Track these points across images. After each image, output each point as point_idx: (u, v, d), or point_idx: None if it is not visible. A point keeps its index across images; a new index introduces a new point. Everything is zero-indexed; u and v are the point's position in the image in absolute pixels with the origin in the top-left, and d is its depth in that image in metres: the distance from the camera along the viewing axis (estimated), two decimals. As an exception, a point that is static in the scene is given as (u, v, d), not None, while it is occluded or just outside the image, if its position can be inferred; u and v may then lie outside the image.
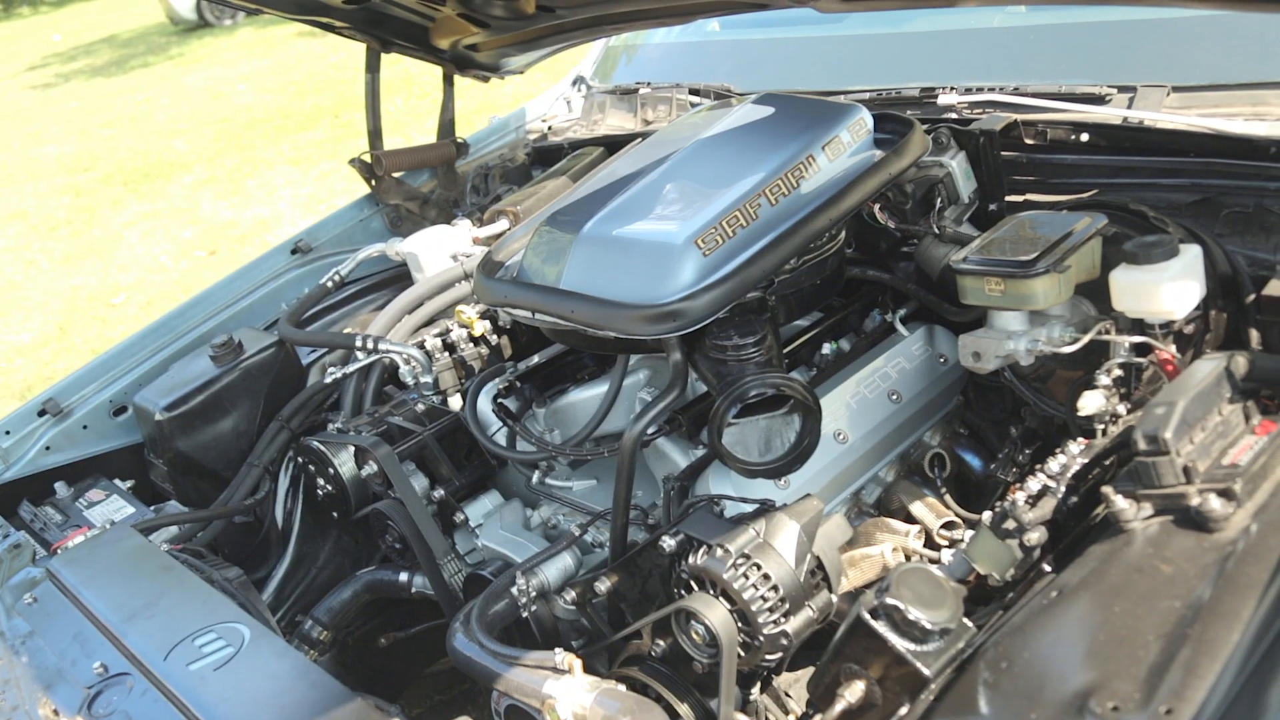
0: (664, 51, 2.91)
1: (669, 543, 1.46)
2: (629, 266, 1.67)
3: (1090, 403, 1.51)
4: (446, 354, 2.27)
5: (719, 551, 1.41)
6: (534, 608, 1.69)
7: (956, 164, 1.90)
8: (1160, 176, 1.82)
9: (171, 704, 1.38)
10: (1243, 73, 1.85)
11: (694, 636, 1.44)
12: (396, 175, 2.72)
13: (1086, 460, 1.46)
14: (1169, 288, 1.45)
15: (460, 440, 2.07)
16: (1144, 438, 1.27)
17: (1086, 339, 1.52)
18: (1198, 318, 1.56)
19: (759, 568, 1.39)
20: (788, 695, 1.71)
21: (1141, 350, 1.56)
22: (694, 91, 2.62)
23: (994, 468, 1.88)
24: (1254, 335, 1.63)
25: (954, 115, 2.08)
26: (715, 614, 1.40)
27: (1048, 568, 1.40)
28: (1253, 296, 1.63)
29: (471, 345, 2.30)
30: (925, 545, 1.68)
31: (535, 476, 1.97)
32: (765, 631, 1.39)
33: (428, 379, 2.19)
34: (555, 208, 1.96)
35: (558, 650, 1.42)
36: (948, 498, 1.81)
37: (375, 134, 2.65)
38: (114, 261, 6.80)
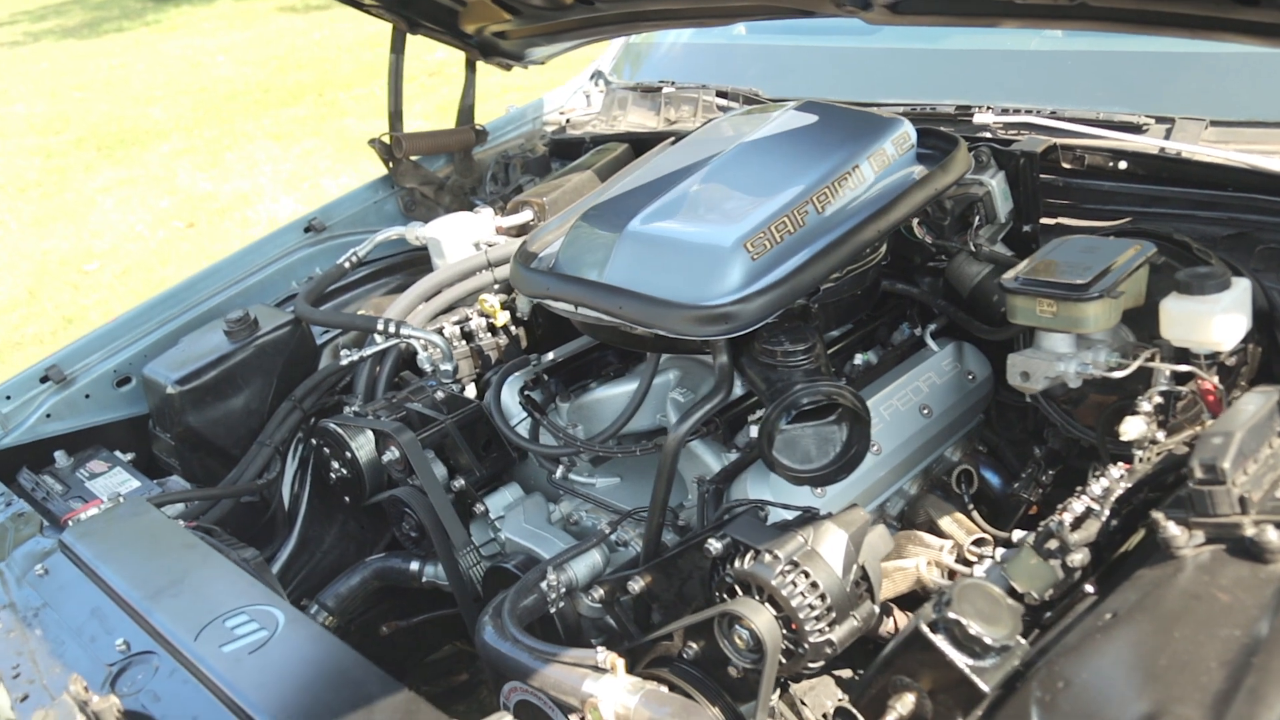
0: (687, 52, 2.90)
1: (715, 546, 1.45)
2: (675, 266, 1.66)
3: (1132, 428, 1.52)
4: (464, 343, 2.25)
5: (767, 557, 1.40)
6: (561, 604, 1.68)
7: (996, 183, 1.91)
8: (1196, 209, 1.84)
9: (204, 686, 1.34)
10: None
11: (737, 641, 1.43)
12: (414, 159, 2.69)
13: (1129, 485, 1.48)
14: (1220, 319, 1.47)
15: (479, 431, 2.05)
16: (1201, 466, 1.28)
17: (1135, 365, 1.53)
18: (1239, 350, 1.58)
19: (807, 575, 1.39)
20: (803, 703, 1.71)
21: (1181, 379, 1.58)
22: (721, 94, 2.61)
23: (1017, 487, 1.90)
24: (1289, 370, 1.65)
25: (988, 134, 2.09)
26: (761, 619, 1.39)
27: (1090, 589, 1.41)
28: (1288, 332, 1.65)
29: (489, 335, 2.29)
30: (956, 561, 1.68)
31: (559, 471, 1.95)
32: (811, 640, 1.39)
33: (447, 367, 2.17)
34: (593, 202, 1.95)
35: (599, 648, 1.40)
36: (975, 514, 1.82)
37: (396, 115, 2.62)
38: (87, 227, 6.66)
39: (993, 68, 2.28)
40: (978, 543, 1.71)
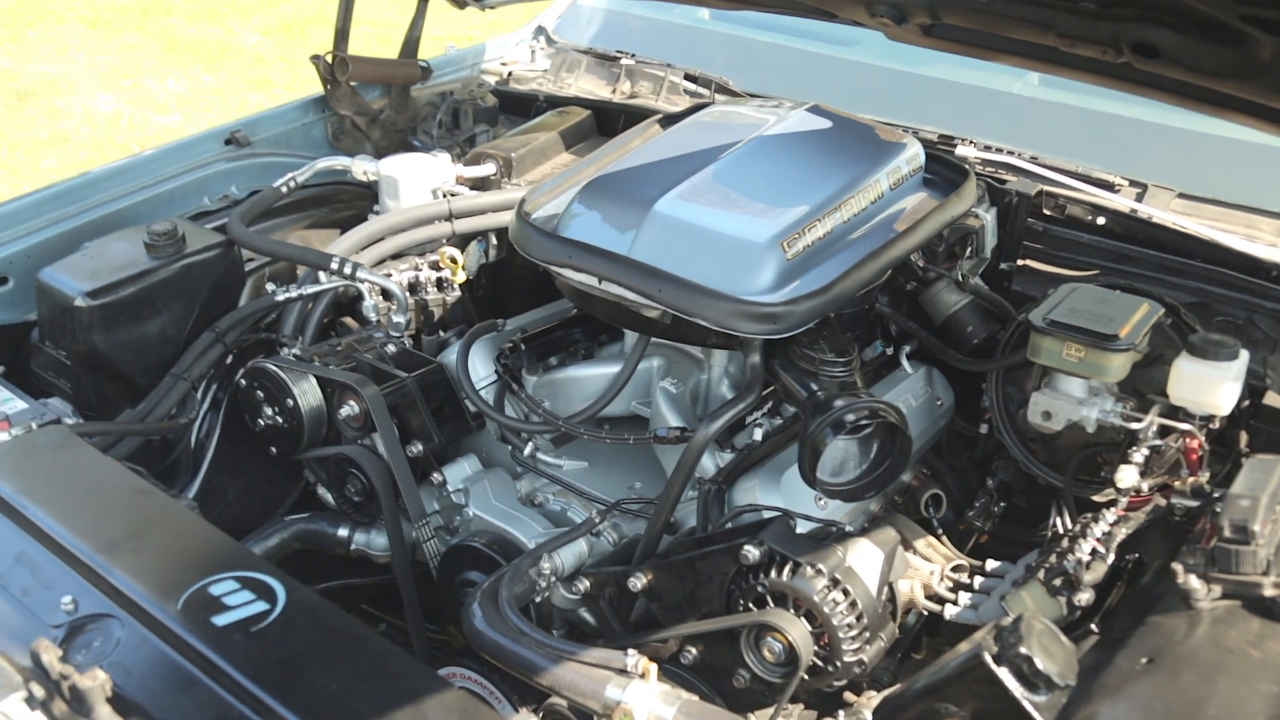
0: (646, 26, 2.81)
1: (753, 553, 1.40)
2: (707, 254, 1.60)
3: (1127, 477, 1.59)
4: (408, 295, 2.09)
5: (809, 571, 1.37)
6: (547, 593, 1.57)
7: (990, 219, 1.95)
8: (1163, 272, 1.95)
9: (191, 663, 1.15)
10: (1240, 195, 2.02)
11: (765, 652, 1.39)
12: (353, 85, 2.45)
13: (1129, 531, 1.54)
14: (1229, 386, 1.56)
15: (432, 395, 1.89)
16: (1231, 526, 1.35)
17: (1150, 418, 1.60)
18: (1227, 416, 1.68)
19: (847, 594, 1.37)
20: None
21: (1164, 434, 1.66)
22: (690, 78, 2.54)
23: (971, 515, 1.95)
24: (1243, 437, 1.78)
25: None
26: (798, 632, 1.35)
27: (1094, 628, 1.46)
28: (1247, 402, 1.78)
29: (436, 290, 2.14)
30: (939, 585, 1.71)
31: (528, 449, 1.83)
32: (845, 658, 1.36)
33: (400, 319, 2.00)
34: (591, 170, 1.85)
35: (630, 650, 1.32)
36: (945, 539, 1.85)
37: (342, 35, 2.38)
38: None
39: (973, 102, 2.33)
40: (956, 569, 1.74)
